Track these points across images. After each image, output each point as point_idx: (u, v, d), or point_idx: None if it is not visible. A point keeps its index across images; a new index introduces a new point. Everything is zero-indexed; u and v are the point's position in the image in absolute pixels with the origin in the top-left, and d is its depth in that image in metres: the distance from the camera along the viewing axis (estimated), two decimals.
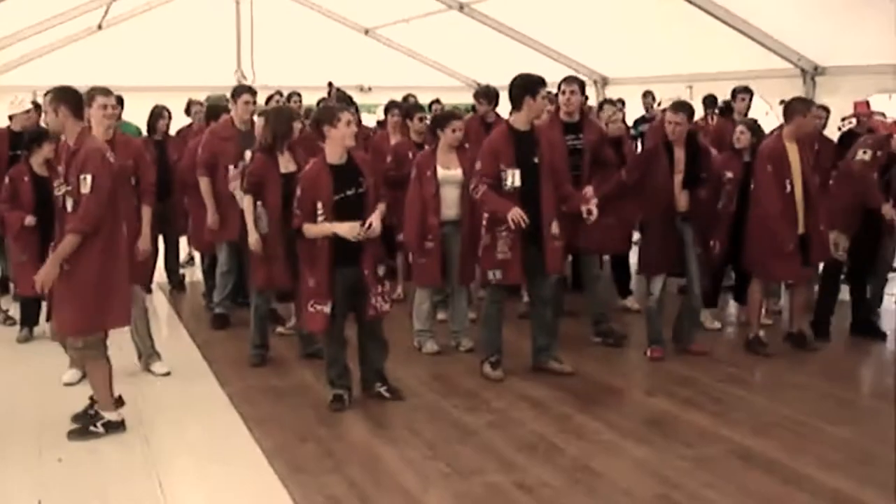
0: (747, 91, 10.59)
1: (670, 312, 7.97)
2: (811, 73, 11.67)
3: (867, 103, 10.06)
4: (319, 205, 6.26)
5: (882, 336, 8.54)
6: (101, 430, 5.94)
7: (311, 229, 6.29)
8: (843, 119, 10.35)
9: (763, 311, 8.36)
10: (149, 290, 8.41)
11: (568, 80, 8.15)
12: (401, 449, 5.79)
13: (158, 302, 9.83)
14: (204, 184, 8.33)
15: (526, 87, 6.98)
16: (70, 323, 5.90)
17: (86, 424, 6.00)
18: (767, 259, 7.78)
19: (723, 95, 11.03)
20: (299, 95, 11.42)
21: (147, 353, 7.38)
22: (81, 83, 6.31)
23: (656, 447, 5.85)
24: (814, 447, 5.82)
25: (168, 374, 7.28)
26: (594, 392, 6.96)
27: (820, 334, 8.37)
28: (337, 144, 6.34)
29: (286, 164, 7.36)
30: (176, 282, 10.43)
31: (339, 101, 10.92)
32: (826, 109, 9.97)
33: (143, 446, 5.86)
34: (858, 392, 7.14)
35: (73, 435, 5.94)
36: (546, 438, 5.99)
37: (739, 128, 8.25)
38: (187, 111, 11.16)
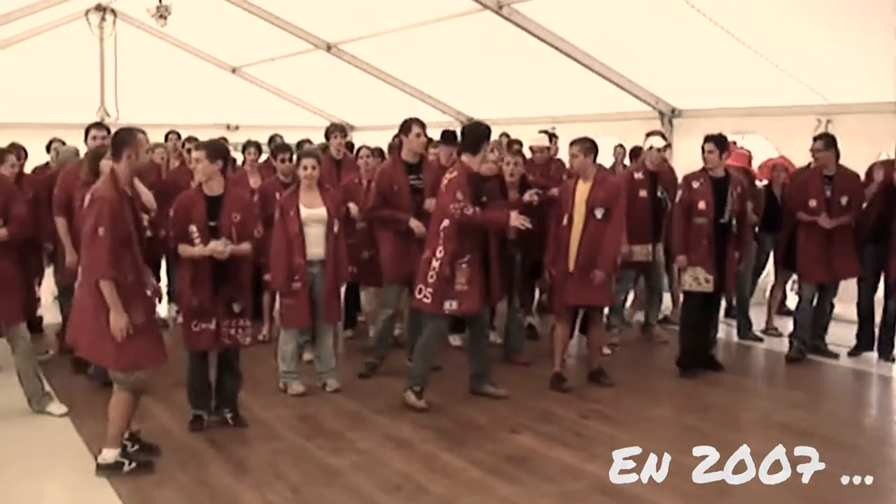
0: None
1: None
2: (669, 116, 12.07)
3: (734, 143, 10.46)
4: (194, 228, 6.63)
5: (718, 367, 8.84)
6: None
7: (186, 250, 6.65)
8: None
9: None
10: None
11: (418, 121, 8.45)
12: (264, 493, 5.69)
13: None
14: (60, 224, 8.08)
15: (486, 133, 7.61)
16: None
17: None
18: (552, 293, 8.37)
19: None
20: (143, 132, 11.05)
21: (38, 394, 7.27)
22: None
23: (521, 484, 5.89)
24: (673, 481, 5.93)
25: (66, 413, 7.16)
26: (459, 430, 6.97)
27: (691, 368, 8.64)
28: (197, 173, 6.83)
29: None
30: (33, 323, 10.04)
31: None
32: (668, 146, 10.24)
33: None
34: (715, 424, 7.32)
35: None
36: (411, 478, 5.96)
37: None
38: (48, 149, 10.83)
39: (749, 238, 9.01)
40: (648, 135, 9.96)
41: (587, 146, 8.01)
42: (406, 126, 8.41)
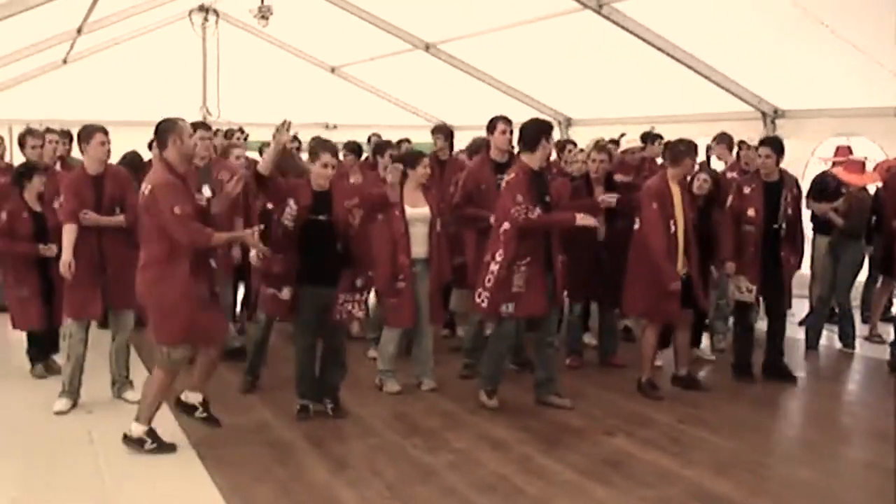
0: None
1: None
2: (771, 117, 11.84)
3: (849, 148, 10.21)
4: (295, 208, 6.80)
5: (792, 379, 8.52)
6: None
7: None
8: (823, 159, 10.61)
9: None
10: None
11: (504, 119, 8.35)
12: (360, 490, 5.74)
13: None
14: None
15: (542, 129, 7.27)
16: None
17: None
18: (654, 300, 7.75)
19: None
20: (242, 131, 11.30)
21: (121, 382, 7.54)
22: (46, 117, 6.37)
23: (617, 488, 5.84)
24: (773, 488, 5.85)
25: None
26: (555, 432, 6.95)
27: (741, 376, 8.45)
28: (320, 176, 6.87)
29: None
30: (136, 317, 10.27)
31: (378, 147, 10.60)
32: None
33: (99, 485, 5.79)
34: (815, 432, 7.17)
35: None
36: (506, 479, 5.96)
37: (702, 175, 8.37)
38: (150, 146, 11.08)
39: (803, 242, 8.71)
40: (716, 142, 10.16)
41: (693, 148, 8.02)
42: (492, 124, 8.33)
